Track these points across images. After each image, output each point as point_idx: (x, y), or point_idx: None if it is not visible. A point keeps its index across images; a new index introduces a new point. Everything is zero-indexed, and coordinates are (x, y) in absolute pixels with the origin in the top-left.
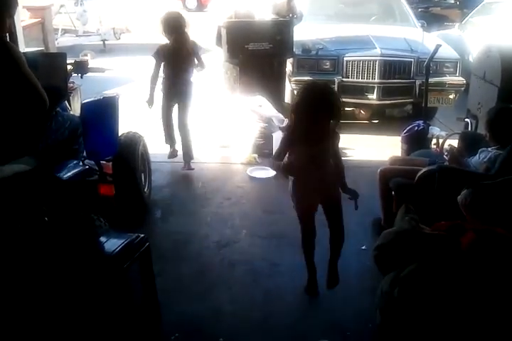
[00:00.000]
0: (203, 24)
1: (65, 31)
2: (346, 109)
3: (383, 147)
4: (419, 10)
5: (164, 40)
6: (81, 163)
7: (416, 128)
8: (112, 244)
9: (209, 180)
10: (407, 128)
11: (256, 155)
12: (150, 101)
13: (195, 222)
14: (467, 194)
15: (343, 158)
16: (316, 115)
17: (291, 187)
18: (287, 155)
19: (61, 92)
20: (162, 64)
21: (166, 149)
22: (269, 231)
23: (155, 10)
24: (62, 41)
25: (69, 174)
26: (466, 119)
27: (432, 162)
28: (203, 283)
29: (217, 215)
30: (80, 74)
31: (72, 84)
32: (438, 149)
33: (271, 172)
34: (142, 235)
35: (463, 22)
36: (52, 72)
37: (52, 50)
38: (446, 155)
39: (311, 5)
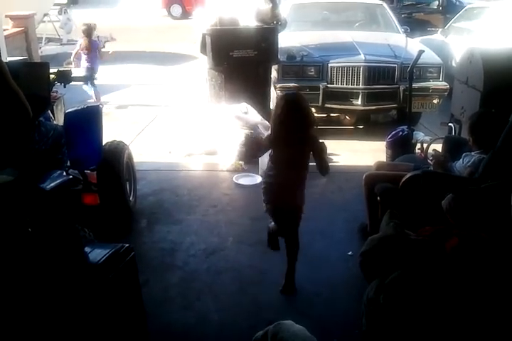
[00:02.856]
0: (187, 31)
1: (49, 40)
2: (331, 114)
3: (368, 152)
4: (403, 15)
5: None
6: (65, 173)
7: (400, 133)
8: (97, 254)
9: (195, 187)
10: (392, 133)
11: (242, 162)
12: None
13: (181, 230)
14: (451, 199)
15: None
16: (295, 122)
17: (263, 187)
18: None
19: (44, 102)
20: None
21: (152, 157)
22: (256, 239)
23: (139, 18)
24: (46, 50)
25: (52, 184)
26: (450, 124)
27: (416, 167)
28: (189, 291)
29: (204, 223)
30: (63, 84)
31: (55, 94)
32: (422, 154)
33: (257, 179)
34: (127, 245)
35: (446, 27)
36: (35, 81)
37: (36, 59)
38: (431, 160)
39: (295, 12)
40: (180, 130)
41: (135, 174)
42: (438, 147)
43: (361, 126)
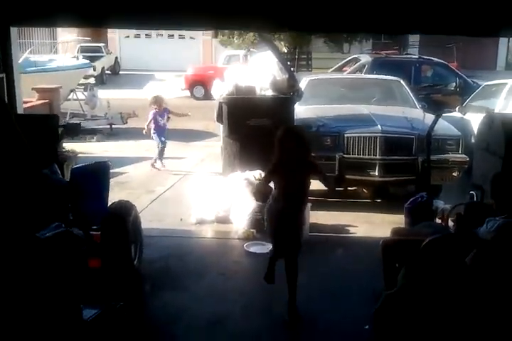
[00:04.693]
0: (209, 111)
1: (74, 115)
2: (349, 188)
3: (386, 225)
4: (420, 96)
5: None
6: (65, 227)
7: (419, 199)
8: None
9: (205, 254)
10: (411, 199)
11: (253, 230)
12: None
13: (187, 297)
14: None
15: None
16: (294, 149)
17: (267, 209)
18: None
19: (51, 154)
20: None
21: (163, 224)
22: (265, 308)
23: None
24: None
25: (48, 234)
26: (471, 192)
27: (435, 232)
28: None
29: (210, 291)
30: (72, 138)
31: (67, 153)
32: (443, 223)
33: (269, 248)
34: (121, 303)
35: (464, 105)
36: (43, 133)
37: None
38: (452, 226)
39: (312, 87)
40: (193, 197)
41: (141, 236)
42: None
43: (379, 200)
